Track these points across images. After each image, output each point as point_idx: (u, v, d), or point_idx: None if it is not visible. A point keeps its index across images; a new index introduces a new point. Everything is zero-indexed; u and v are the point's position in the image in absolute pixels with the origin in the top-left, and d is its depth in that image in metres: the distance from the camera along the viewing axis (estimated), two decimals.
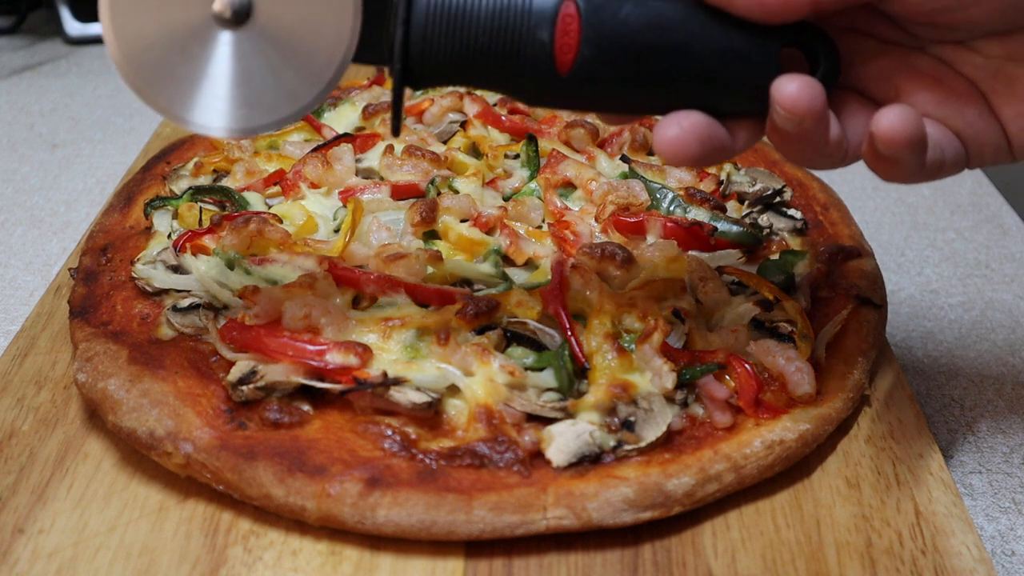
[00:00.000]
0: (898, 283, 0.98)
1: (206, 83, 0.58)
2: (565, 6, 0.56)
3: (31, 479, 0.66)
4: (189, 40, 0.57)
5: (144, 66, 0.57)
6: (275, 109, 0.59)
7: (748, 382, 0.70)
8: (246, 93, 0.58)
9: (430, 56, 0.57)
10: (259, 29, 0.57)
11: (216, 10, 0.56)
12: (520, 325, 0.73)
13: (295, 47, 0.58)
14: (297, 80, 0.59)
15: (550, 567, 0.62)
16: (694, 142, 0.56)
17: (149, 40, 0.57)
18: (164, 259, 0.80)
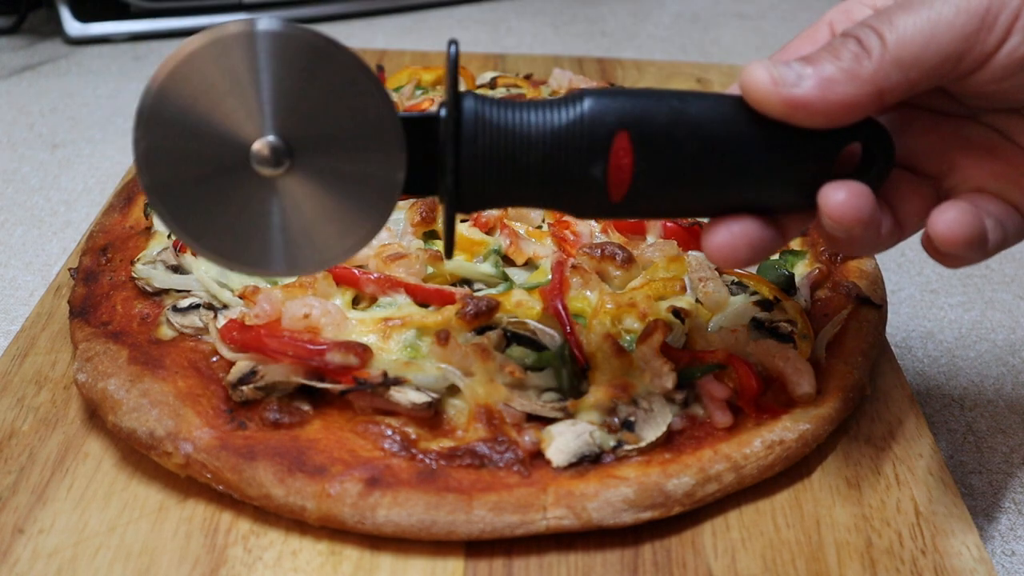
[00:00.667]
0: (898, 283, 0.98)
1: (251, 228, 0.56)
2: (618, 140, 0.53)
3: (31, 479, 0.66)
4: (229, 188, 0.55)
5: (188, 215, 0.55)
6: (323, 250, 0.57)
7: (748, 382, 0.70)
8: (290, 237, 0.56)
9: (480, 182, 0.55)
10: (301, 172, 0.54)
11: (255, 155, 0.53)
12: (520, 325, 0.73)
13: (340, 188, 0.55)
14: (344, 221, 0.56)
15: (550, 567, 0.62)
16: (744, 248, 0.54)
17: (189, 189, 0.54)
18: (164, 259, 0.80)
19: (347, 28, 1.59)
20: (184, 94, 0.52)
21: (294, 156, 0.54)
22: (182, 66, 0.52)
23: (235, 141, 0.53)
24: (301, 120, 0.53)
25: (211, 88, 0.52)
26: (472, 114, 0.55)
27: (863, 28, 0.51)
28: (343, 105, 0.53)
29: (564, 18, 1.66)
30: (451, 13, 1.66)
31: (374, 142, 0.54)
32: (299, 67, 0.52)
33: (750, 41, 1.61)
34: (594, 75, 1.33)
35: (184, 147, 0.54)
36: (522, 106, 0.55)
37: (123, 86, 1.35)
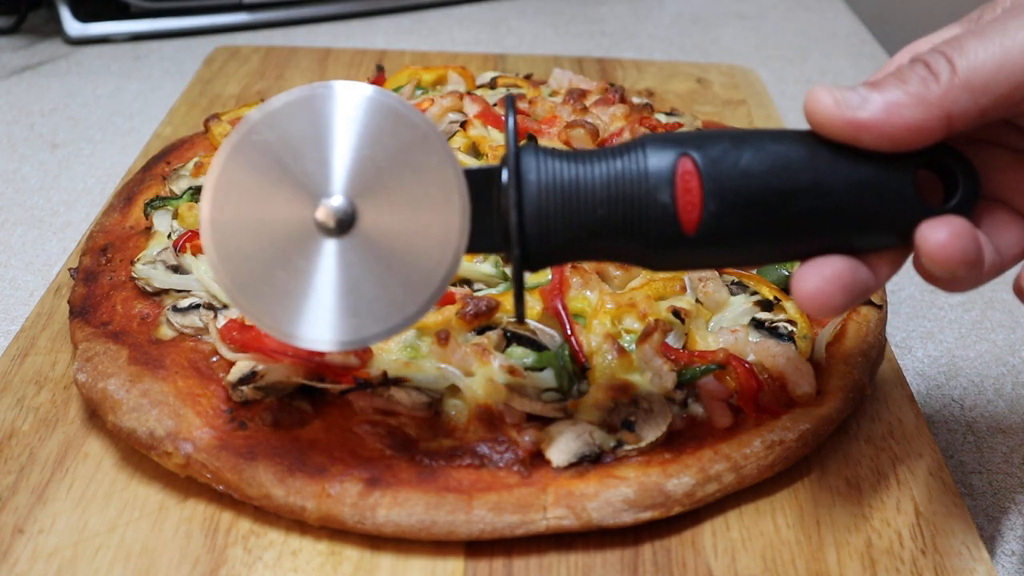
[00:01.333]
0: (898, 283, 0.98)
1: (312, 296, 0.55)
2: (682, 163, 0.52)
3: (31, 479, 0.66)
4: (292, 253, 0.54)
5: (249, 285, 0.55)
6: (386, 318, 0.55)
7: (748, 382, 0.70)
8: (354, 303, 0.55)
9: (547, 236, 0.54)
10: (363, 237, 0.54)
11: (319, 219, 0.53)
12: (520, 325, 0.73)
13: (403, 252, 0.55)
14: (407, 285, 0.55)
15: (550, 567, 0.62)
16: (839, 293, 0.52)
17: (252, 258, 0.54)
18: (164, 259, 0.80)
19: (347, 28, 1.59)
20: (254, 156, 0.53)
21: (358, 218, 0.54)
22: (257, 125, 0.53)
23: (302, 201, 0.54)
24: (367, 179, 0.53)
25: (280, 150, 0.53)
26: (533, 162, 0.54)
27: (932, 54, 0.50)
28: (407, 164, 0.53)
29: (564, 18, 1.66)
30: (451, 13, 1.66)
31: (437, 198, 0.54)
32: (368, 128, 0.53)
33: (750, 41, 1.61)
34: (594, 75, 1.33)
35: (251, 211, 0.54)
36: (582, 154, 0.55)
37: (123, 86, 1.35)
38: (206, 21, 1.52)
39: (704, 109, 1.26)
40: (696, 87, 1.32)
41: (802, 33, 1.65)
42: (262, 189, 0.54)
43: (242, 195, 0.54)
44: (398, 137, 0.54)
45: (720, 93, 1.31)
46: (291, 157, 0.53)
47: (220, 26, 1.53)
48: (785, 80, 1.46)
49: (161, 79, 1.38)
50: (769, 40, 1.62)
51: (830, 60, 1.55)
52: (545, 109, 1.03)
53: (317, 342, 0.56)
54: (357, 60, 1.37)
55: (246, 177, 0.54)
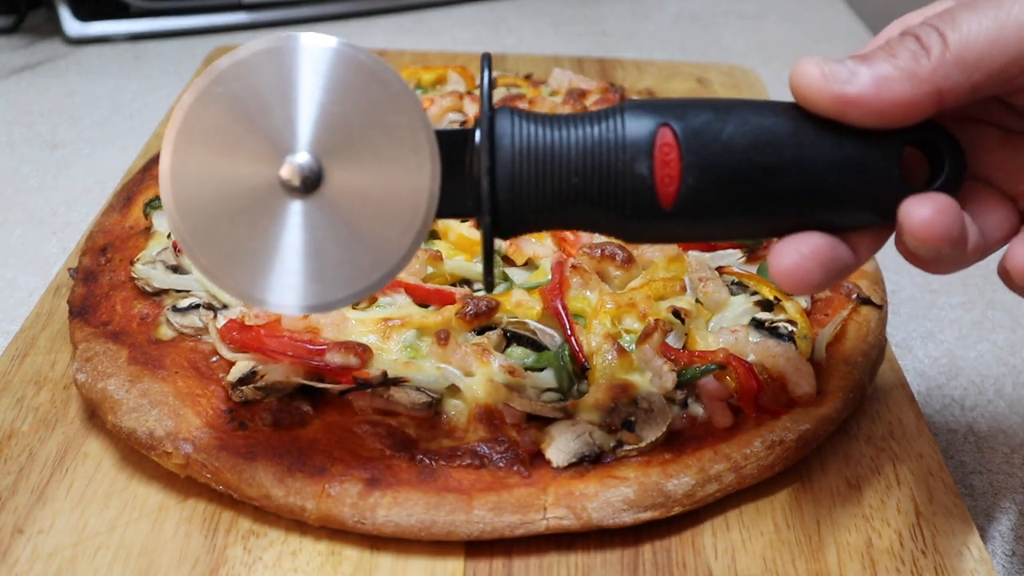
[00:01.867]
0: (898, 283, 0.98)
1: (275, 257, 0.53)
2: (661, 134, 0.51)
3: (31, 479, 0.66)
4: (255, 211, 0.52)
5: (209, 242, 0.52)
6: (351, 282, 0.53)
7: (748, 382, 0.70)
8: (319, 267, 0.53)
9: (520, 203, 0.52)
10: (330, 197, 0.52)
11: (284, 177, 0.51)
12: (520, 325, 0.73)
13: (370, 215, 0.52)
14: (374, 250, 0.53)
15: (550, 567, 0.62)
16: (816, 269, 0.50)
17: (213, 214, 0.52)
18: (164, 259, 0.80)
19: (347, 28, 1.59)
20: (219, 107, 0.51)
21: (324, 177, 0.51)
22: (223, 75, 0.51)
23: (267, 157, 0.51)
24: (334, 137, 0.51)
25: (246, 102, 0.51)
26: (507, 125, 0.52)
27: (924, 27, 0.48)
28: (377, 122, 0.51)
29: (564, 18, 1.66)
30: (451, 13, 1.66)
31: (407, 160, 0.52)
32: (336, 83, 0.51)
33: (750, 41, 1.61)
34: (594, 75, 1.33)
35: (214, 164, 0.52)
36: (560, 119, 0.53)
37: (123, 86, 1.35)
38: (205, 21, 1.52)
39: None
40: (696, 87, 1.32)
41: (802, 33, 1.65)
42: (226, 142, 0.51)
43: (205, 146, 0.51)
44: (368, 94, 0.51)
45: (720, 93, 1.31)
46: (257, 110, 0.51)
47: (220, 26, 1.53)
48: (785, 80, 1.46)
49: (161, 79, 1.38)
50: (769, 40, 1.62)
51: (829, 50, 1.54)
52: (545, 109, 1.03)
53: (279, 306, 0.54)
54: None
55: (210, 128, 0.51)
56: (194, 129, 0.51)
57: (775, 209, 0.52)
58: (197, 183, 0.52)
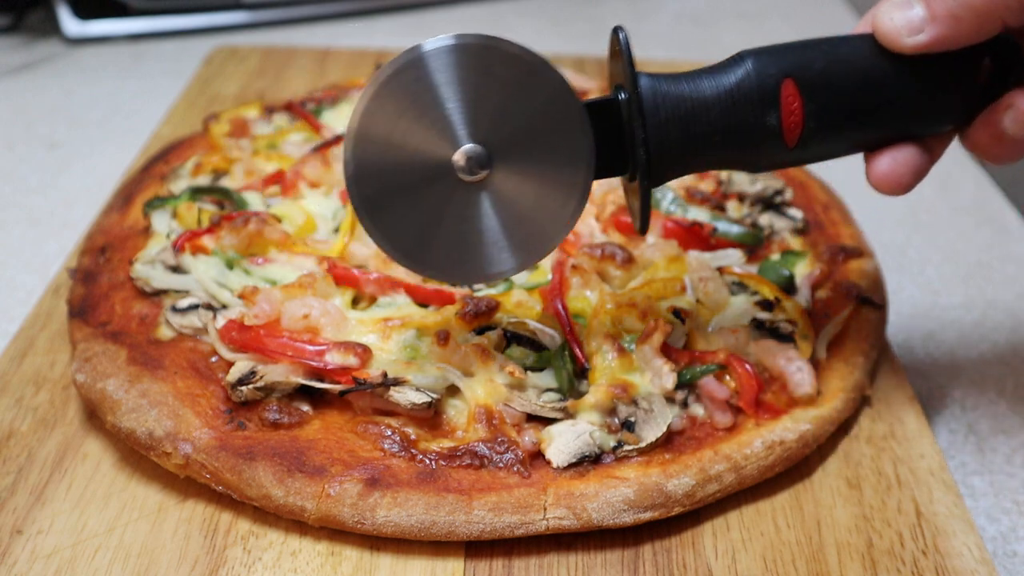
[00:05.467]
0: (899, 283, 0.98)
1: (461, 237, 0.61)
2: (785, 87, 0.60)
3: (30, 479, 0.66)
4: (427, 191, 0.60)
5: (378, 205, 0.60)
6: (516, 254, 0.62)
7: (748, 382, 0.70)
8: (485, 240, 0.61)
9: (668, 161, 0.61)
10: (499, 178, 0.60)
11: (457, 162, 0.59)
12: (520, 325, 0.73)
13: (535, 190, 0.60)
14: (539, 220, 0.61)
15: (550, 567, 0.62)
16: (908, 174, 0.62)
17: (387, 179, 0.59)
18: (163, 259, 0.80)
19: (347, 28, 1.59)
20: (387, 113, 0.58)
21: (493, 160, 0.59)
22: (383, 88, 0.58)
23: (437, 152, 0.59)
24: (495, 124, 0.58)
25: (411, 105, 0.58)
26: (650, 90, 0.60)
27: None
28: (530, 103, 0.58)
29: (564, 17, 1.66)
30: (451, 13, 1.66)
31: (563, 134, 0.59)
32: (486, 75, 0.58)
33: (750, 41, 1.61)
34: (594, 75, 1.32)
35: (391, 164, 0.59)
36: (692, 76, 0.61)
37: (122, 85, 1.35)
38: (205, 21, 1.52)
39: None
40: None
41: (802, 33, 1.65)
42: (406, 125, 0.58)
43: (390, 118, 0.58)
44: (512, 78, 0.58)
45: None
46: (439, 97, 0.58)
47: (219, 26, 1.53)
48: None
49: (160, 79, 1.38)
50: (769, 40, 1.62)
51: None
52: None
53: (437, 273, 0.63)
54: (357, 60, 1.37)
55: (392, 112, 0.58)
56: (384, 100, 0.58)
57: (876, 132, 0.62)
58: (377, 149, 0.59)
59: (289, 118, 1.06)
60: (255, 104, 1.10)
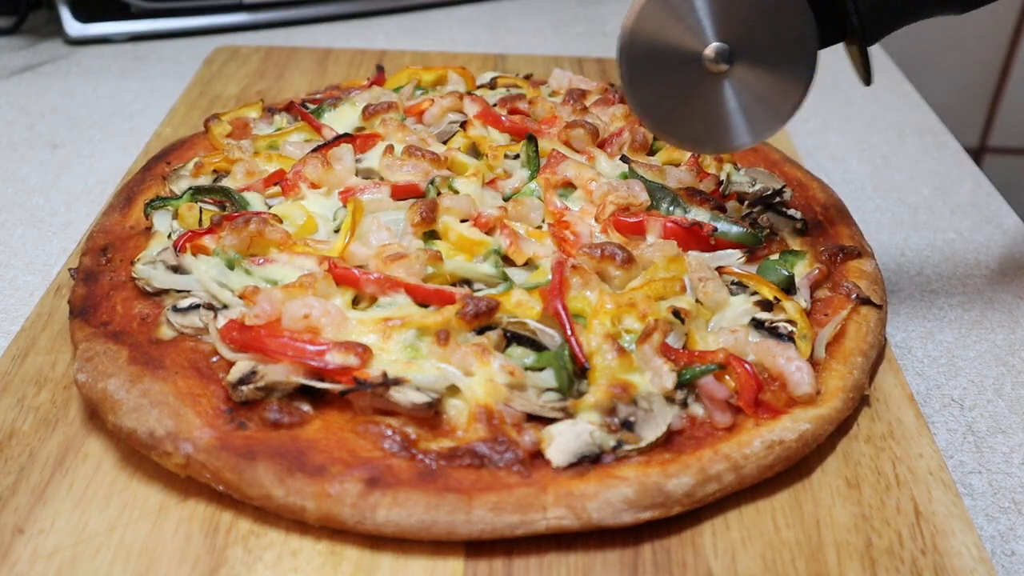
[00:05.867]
0: (898, 283, 0.98)
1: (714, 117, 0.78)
2: None
3: (31, 479, 0.66)
4: (694, 87, 0.77)
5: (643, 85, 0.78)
6: (774, 116, 0.79)
7: (748, 382, 0.70)
8: (747, 113, 0.78)
9: (882, 18, 0.73)
10: (742, 62, 0.75)
11: (708, 55, 0.75)
12: (520, 325, 0.73)
13: (772, 69, 0.76)
14: (783, 86, 0.77)
15: (550, 567, 0.62)
16: None
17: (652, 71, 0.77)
18: (164, 259, 0.80)
19: (347, 28, 1.59)
20: (650, 26, 0.74)
21: (734, 53, 0.75)
22: (646, 7, 0.74)
23: (691, 51, 0.75)
24: (732, 23, 0.74)
25: (666, 18, 0.74)
26: None
27: None
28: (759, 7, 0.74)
29: (564, 18, 1.66)
30: (451, 13, 1.66)
31: (787, 18, 0.74)
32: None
33: None
34: (594, 75, 1.33)
35: (656, 66, 0.76)
36: None
37: (123, 86, 1.35)
38: (206, 21, 1.52)
39: None
40: None
41: None
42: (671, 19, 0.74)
43: (657, 17, 0.74)
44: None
45: None
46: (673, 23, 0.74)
47: (220, 26, 1.53)
48: None
49: (161, 79, 1.38)
50: None
51: (830, 60, 1.54)
52: (545, 109, 1.03)
53: (681, 142, 0.82)
54: (357, 60, 1.37)
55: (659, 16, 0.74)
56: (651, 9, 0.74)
57: None
58: (644, 46, 0.76)
59: (290, 119, 1.07)
60: (256, 105, 1.10)
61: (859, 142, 1.28)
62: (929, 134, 1.31)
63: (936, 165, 1.23)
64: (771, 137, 0.83)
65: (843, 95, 1.41)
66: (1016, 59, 2.04)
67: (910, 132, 1.31)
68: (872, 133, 1.31)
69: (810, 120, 1.32)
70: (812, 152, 1.24)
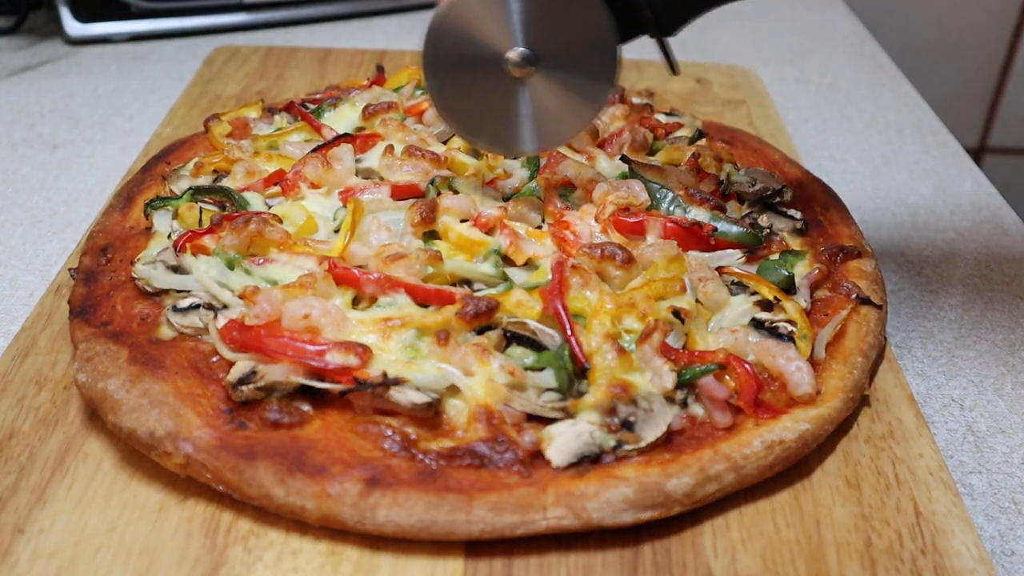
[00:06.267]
0: (898, 283, 0.98)
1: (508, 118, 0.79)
2: None
3: (31, 479, 0.66)
4: (492, 87, 0.77)
5: (460, 112, 0.80)
6: (570, 125, 0.81)
7: (748, 382, 0.70)
8: (541, 121, 0.79)
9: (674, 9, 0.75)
10: (543, 69, 0.76)
11: (511, 59, 0.75)
12: (520, 325, 0.73)
13: (576, 71, 0.77)
14: (582, 96, 0.78)
15: (550, 567, 0.62)
16: None
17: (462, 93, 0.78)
18: (164, 259, 0.80)
19: (347, 28, 1.59)
20: (461, 18, 0.74)
21: (537, 59, 0.75)
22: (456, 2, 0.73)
23: (494, 52, 0.75)
24: (538, 28, 0.74)
25: (476, 16, 0.74)
26: None
27: None
28: (560, 8, 0.74)
29: None
30: None
31: (584, 17, 0.73)
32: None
33: (750, 41, 1.61)
34: None
35: (458, 61, 0.76)
36: None
37: (123, 86, 1.35)
38: (206, 21, 1.52)
39: (704, 109, 1.26)
40: (696, 87, 1.32)
41: (802, 33, 1.65)
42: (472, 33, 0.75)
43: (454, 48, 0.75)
44: None
45: (720, 93, 1.31)
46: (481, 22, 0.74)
47: (220, 26, 1.53)
48: (785, 80, 1.46)
49: (161, 79, 1.38)
50: (769, 40, 1.62)
51: (830, 60, 1.54)
52: None
53: (496, 148, 0.84)
54: (357, 60, 1.37)
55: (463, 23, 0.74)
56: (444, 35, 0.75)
57: None
58: (448, 71, 0.77)
59: (290, 119, 1.07)
60: (256, 105, 1.10)
61: (859, 142, 1.28)
62: (929, 134, 1.31)
63: (936, 165, 1.23)
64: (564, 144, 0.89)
65: (843, 95, 1.41)
66: (1016, 59, 2.04)
67: (910, 132, 1.32)
68: (872, 133, 1.31)
69: (810, 120, 1.32)
70: (812, 152, 1.24)
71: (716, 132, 1.11)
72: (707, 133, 1.09)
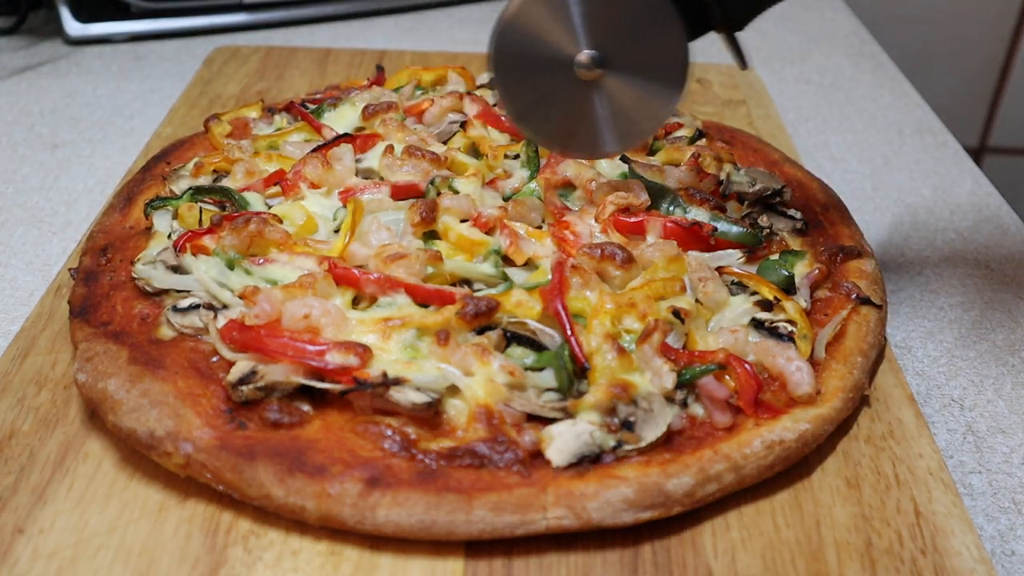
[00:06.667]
0: (898, 283, 0.98)
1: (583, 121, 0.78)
2: None
3: (31, 479, 0.66)
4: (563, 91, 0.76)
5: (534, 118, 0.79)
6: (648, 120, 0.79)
7: (748, 382, 0.70)
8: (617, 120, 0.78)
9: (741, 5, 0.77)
10: (614, 70, 0.75)
11: (580, 61, 0.74)
12: (520, 325, 0.73)
13: (646, 74, 0.76)
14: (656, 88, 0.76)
15: (550, 567, 0.62)
16: None
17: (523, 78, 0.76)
18: (164, 259, 0.80)
19: (347, 28, 1.59)
20: (528, 21, 0.73)
21: (606, 61, 0.74)
22: (521, 8, 0.73)
23: (562, 56, 0.74)
24: (606, 31, 0.73)
25: (545, 17, 0.73)
26: None
27: None
28: (627, 10, 0.73)
29: None
30: (451, 13, 1.66)
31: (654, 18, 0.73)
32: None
33: (750, 41, 1.61)
34: None
35: (526, 67, 0.75)
36: None
37: (123, 86, 1.35)
38: (206, 21, 1.52)
39: (704, 109, 1.26)
40: (696, 87, 1.32)
41: (802, 33, 1.65)
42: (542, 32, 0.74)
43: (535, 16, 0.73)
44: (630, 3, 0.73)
45: (720, 93, 1.31)
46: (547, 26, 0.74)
47: (220, 26, 1.53)
48: (785, 80, 1.46)
49: (161, 79, 1.38)
50: (769, 40, 1.62)
51: (830, 60, 1.54)
52: None
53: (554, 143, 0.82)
54: (357, 60, 1.37)
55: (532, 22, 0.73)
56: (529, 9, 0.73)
57: None
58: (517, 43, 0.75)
59: (290, 119, 1.07)
60: (256, 105, 1.10)
61: (859, 142, 1.28)
62: (929, 134, 1.31)
63: (936, 165, 1.23)
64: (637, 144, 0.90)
65: (843, 95, 1.41)
66: (1016, 59, 2.04)
67: (910, 132, 1.31)
68: (872, 133, 1.31)
69: (810, 120, 1.32)
70: (812, 152, 1.24)
71: (716, 132, 1.11)
72: (707, 133, 1.09)
